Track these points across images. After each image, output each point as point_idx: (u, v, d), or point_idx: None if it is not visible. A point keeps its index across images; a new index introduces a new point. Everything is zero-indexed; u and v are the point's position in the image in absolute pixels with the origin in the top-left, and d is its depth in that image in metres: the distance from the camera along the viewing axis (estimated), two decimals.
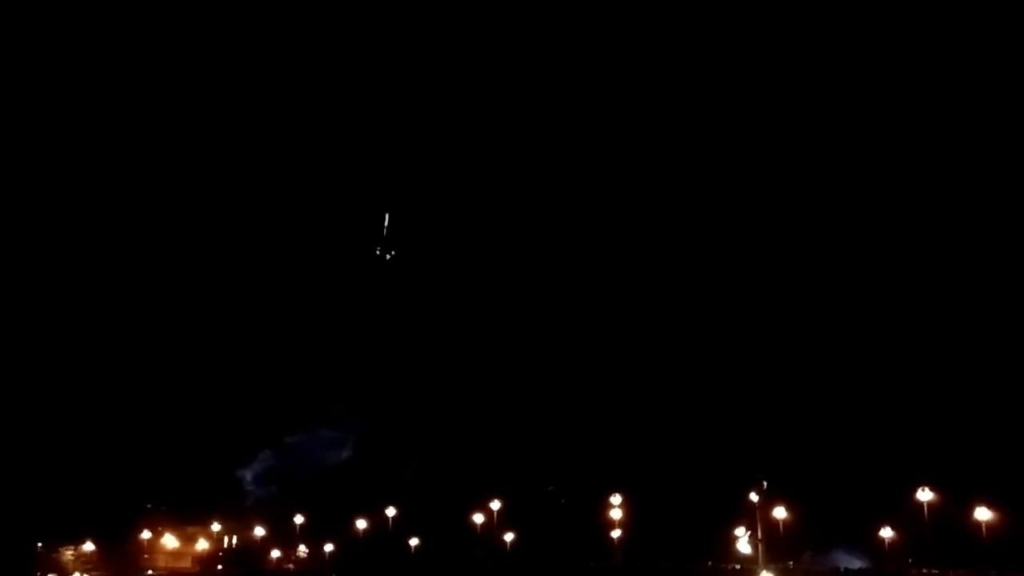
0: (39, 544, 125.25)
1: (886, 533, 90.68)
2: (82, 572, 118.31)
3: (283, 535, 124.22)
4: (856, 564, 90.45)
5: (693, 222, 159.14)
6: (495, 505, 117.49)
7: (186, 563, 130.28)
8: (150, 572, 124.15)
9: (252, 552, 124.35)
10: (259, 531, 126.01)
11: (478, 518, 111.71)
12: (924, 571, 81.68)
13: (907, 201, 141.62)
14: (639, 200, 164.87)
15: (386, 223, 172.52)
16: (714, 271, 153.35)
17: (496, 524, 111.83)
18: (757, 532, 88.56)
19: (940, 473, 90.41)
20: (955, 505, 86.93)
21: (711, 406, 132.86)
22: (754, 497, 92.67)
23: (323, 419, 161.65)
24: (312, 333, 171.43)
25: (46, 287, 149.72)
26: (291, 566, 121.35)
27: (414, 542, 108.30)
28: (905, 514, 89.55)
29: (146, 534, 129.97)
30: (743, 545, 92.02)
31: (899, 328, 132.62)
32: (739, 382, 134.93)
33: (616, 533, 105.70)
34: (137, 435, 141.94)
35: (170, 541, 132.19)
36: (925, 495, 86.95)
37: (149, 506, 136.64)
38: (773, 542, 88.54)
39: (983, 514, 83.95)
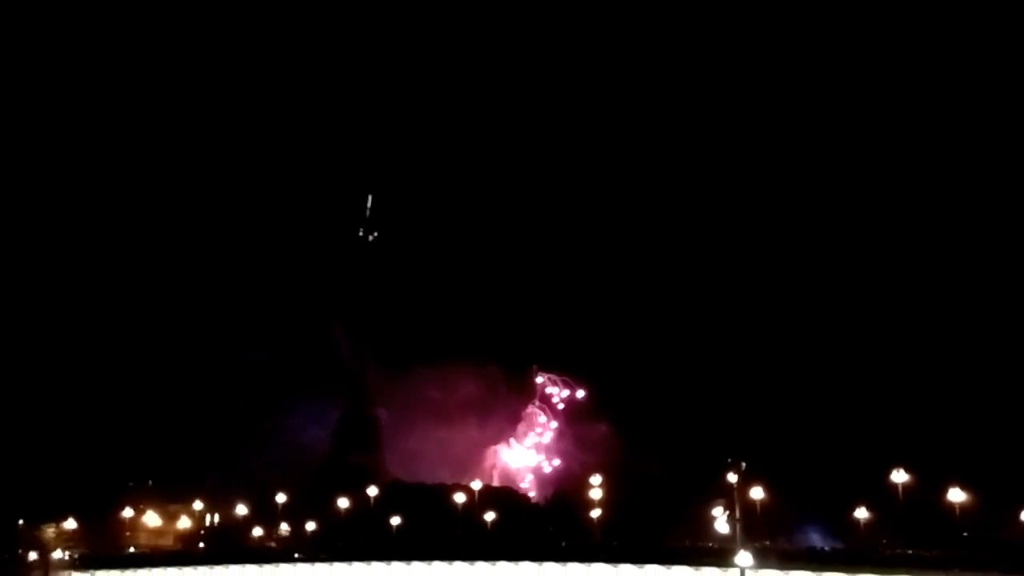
0: (20, 521, 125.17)
1: (861, 514, 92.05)
2: (64, 549, 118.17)
3: (265, 513, 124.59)
4: (831, 543, 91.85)
5: (677, 214, 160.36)
6: (476, 485, 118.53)
7: (168, 541, 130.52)
8: (132, 549, 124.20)
9: (234, 530, 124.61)
10: (241, 509, 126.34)
11: (459, 498, 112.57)
12: (898, 551, 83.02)
13: (887, 195, 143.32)
14: (626, 188, 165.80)
15: (369, 205, 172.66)
16: (695, 262, 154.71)
17: (477, 504, 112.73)
18: (735, 512, 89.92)
19: (914, 455, 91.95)
20: (929, 487, 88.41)
21: (691, 389, 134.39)
22: (732, 478, 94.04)
23: (305, 400, 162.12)
24: (297, 314, 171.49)
25: (31, 274, 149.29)
26: (273, 544, 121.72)
27: (395, 521, 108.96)
28: (880, 495, 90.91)
29: (128, 512, 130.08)
30: (721, 525, 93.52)
31: (875, 315, 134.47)
32: (718, 366, 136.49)
33: (596, 513, 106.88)
34: (120, 414, 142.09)
35: (152, 519, 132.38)
36: (900, 476, 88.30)
37: (131, 484, 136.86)
38: (750, 522, 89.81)
39: (956, 495, 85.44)
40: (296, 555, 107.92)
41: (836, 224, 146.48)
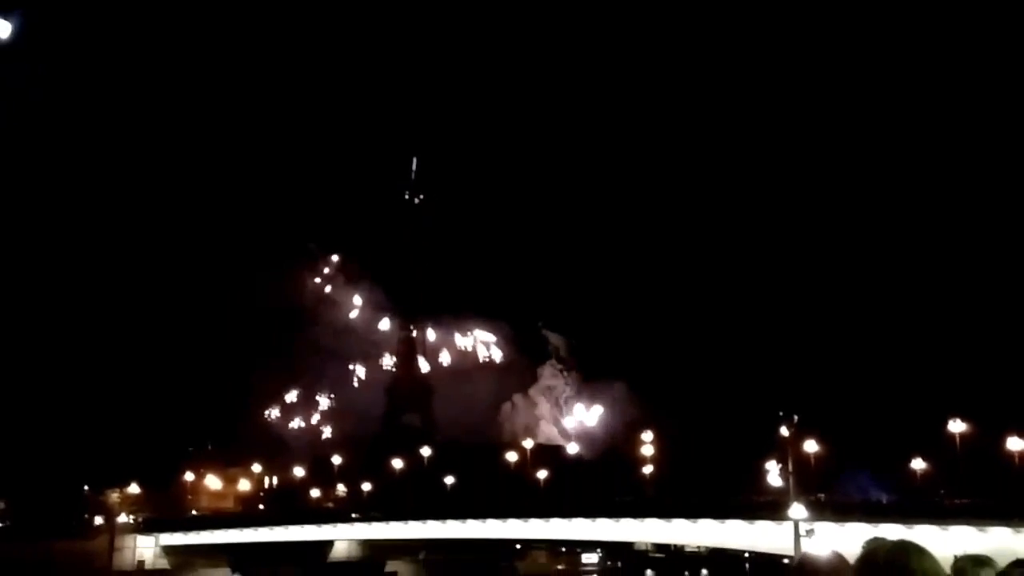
0: (86, 487, 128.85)
1: (917, 465, 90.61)
2: (128, 513, 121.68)
3: (322, 475, 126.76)
4: (887, 495, 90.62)
5: (725, 177, 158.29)
6: (527, 444, 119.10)
7: (228, 503, 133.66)
8: (194, 512, 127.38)
9: (292, 491, 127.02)
10: (298, 471, 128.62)
11: (511, 456, 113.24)
12: (956, 501, 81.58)
13: (935, 160, 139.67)
14: (671, 148, 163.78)
15: (414, 167, 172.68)
16: (745, 215, 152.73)
17: (529, 463, 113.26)
18: (788, 466, 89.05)
19: (971, 404, 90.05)
20: (987, 436, 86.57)
21: (742, 341, 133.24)
22: (785, 431, 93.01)
23: (357, 361, 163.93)
24: (345, 275, 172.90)
25: (83, 262, 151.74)
26: (330, 504, 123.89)
27: (449, 480, 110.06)
28: (936, 446, 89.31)
29: (189, 476, 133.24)
30: (774, 478, 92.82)
31: (930, 264, 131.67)
32: (770, 317, 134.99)
33: (648, 469, 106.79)
34: (180, 382, 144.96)
35: (213, 482, 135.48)
36: (957, 426, 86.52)
37: (192, 449, 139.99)
38: (804, 475, 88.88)
39: (1015, 444, 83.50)
40: (353, 515, 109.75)
41: (884, 184, 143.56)
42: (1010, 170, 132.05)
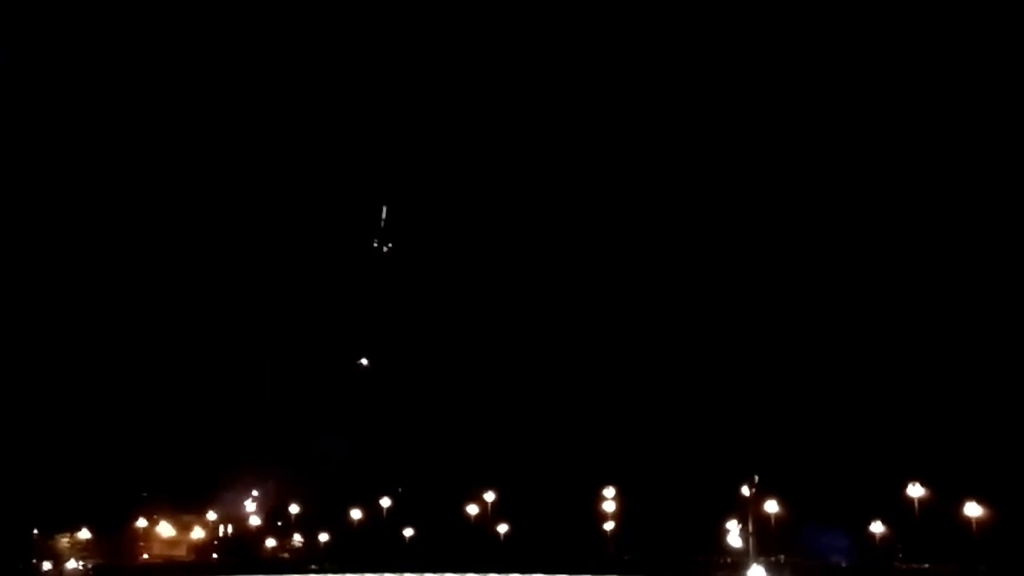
0: (35, 531, 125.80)
1: (877, 528, 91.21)
2: (78, 559, 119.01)
3: (278, 524, 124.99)
4: (846, 558, 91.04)
5: (685, 221, 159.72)
6: (489, 496, 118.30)
7: (181, 551, 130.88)
8: (146, 557, 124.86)
9: (247, 541, 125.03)
10: (254, 520, 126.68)
11: (472, 509, 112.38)
12: (914, 566, 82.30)
13: (897, 201, 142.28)
14: (635, 199, 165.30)
15: (383, 216, 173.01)
16: (705, 268, 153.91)
17: (490, 515, 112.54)
18: (748, 526, 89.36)
19: (930, 469, 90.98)
20: (945, 501, 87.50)
21: (704, 401, 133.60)
22: (746, 491, 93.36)
23: (318, 409, 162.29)
24: (308, 324, 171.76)
25: (43, 281, 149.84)
26: (286, 555, 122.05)
27: (408, 532, 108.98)
28: (896, 509, 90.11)
29: (142, 522, 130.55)
30: (734, 539, 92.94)
31: (890, 325, 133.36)
32: (731, 377, 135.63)
33: (609, 525, 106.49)
34: (133, 425, 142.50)
35: (166, 529, 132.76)
36: (916, 491, 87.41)
37: (145, 495, 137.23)
38: (764, 536, 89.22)
39: (973, 510, 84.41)
40: (310, 566, 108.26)
41: (853, 236, 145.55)
42: (964, 228, 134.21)
